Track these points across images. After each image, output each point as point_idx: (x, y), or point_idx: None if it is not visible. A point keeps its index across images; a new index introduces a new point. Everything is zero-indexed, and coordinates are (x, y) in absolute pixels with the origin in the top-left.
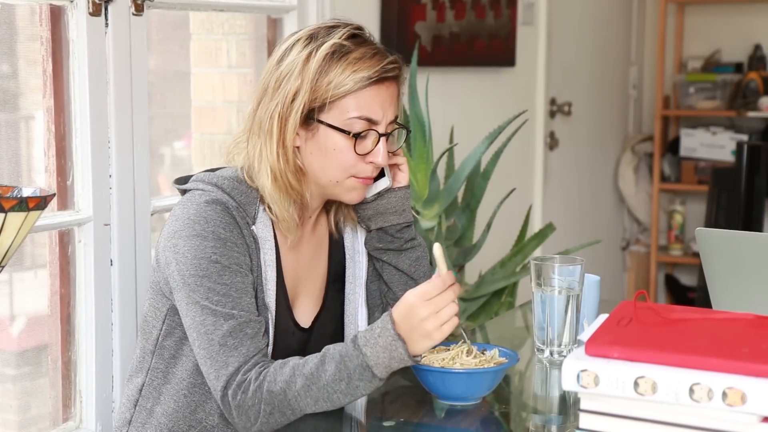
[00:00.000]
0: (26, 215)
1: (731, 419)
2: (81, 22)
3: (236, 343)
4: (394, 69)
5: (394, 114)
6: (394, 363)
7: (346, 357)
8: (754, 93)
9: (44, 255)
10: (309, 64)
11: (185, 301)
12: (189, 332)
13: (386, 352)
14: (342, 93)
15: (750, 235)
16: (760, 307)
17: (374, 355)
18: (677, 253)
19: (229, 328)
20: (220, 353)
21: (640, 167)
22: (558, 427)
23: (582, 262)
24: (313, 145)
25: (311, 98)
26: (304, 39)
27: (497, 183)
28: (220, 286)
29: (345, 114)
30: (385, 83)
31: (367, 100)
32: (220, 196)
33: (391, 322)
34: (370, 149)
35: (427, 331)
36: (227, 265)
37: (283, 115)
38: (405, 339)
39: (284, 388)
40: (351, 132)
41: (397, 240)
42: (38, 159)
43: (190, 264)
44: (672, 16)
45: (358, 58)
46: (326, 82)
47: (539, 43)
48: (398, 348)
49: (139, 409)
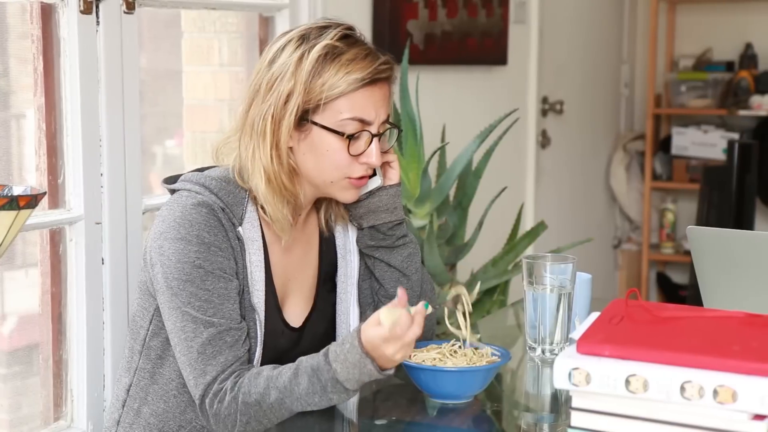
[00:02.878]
0: (17, 214)
1: (722, 417)
2: (72, 20)
3: (215, 351)
4: (386, 70)
5: (386, 114)
6: (364, 377)
7: (318, 371)
8: (745, 91)
9: (35, 254)
10: (302, 66)
11: (168, 305)
12: (170, 336)
13: (356, 369)
14: (335, 95)
15: (741, 233)
16: (751, 305)
17: (344, 371)
18: (669, 252)
19: (208, 336)
20: (199, 361)
21: (631, 165)
22: (550, 426)
23: (574, 261)
24: (306, 146)
25: (305, 100)
26: (295, 40)
27: (489, 181)
28: (202, 291)
29: (338, 115)
30: (377, 84)
31: (360, 101)
32: (207, 198)
33: (359, 341)
34: (363, 150)
35: (395, 360)
36: (210, 271)
37: (276, 117)
38: (374, 358)
39: (258, 400)
40: (344, 133)
41: (388, 237)
42: (29, 157)
43: (174, 267)
44: (663, 14)
45: (351, 59)
46: (320, 84)
47: (531, 42)
48: (367, 365)
49: (126, 410)
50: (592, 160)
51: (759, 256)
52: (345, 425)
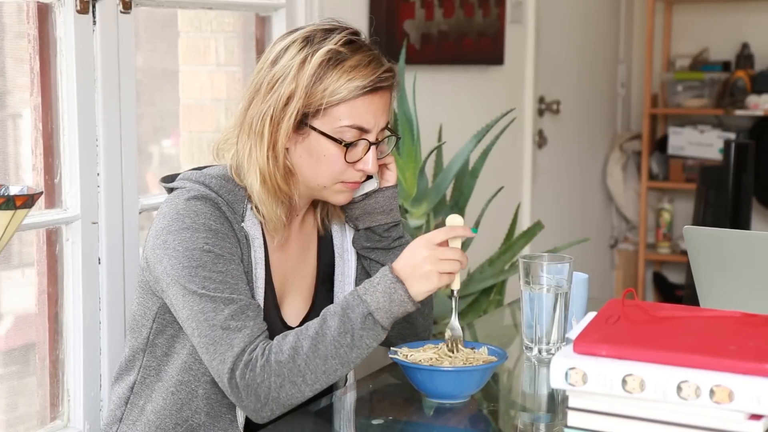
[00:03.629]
0: (13, 213)
1: (719, 417)
2: (69, 20)
3: (239, 325)
4: (388, 78)
5: (385, 122)
6: (395, 307)
7: (347, 308)
8: (741, 91)
9: (32, 253)
10: (304, 69)
11: (181, 294)
12: (187, 324)
13: (386, 296)
14: (336, 101)
15: (737, 233)
16: (747, 304)
17: (374, 301)
18: (665, 251)
19: (230, 312)
20: (224, 337)
21: (628, 165)
22: (546, 425)
23: (570, 260)
24: (303, 149)
25: (305, 104)
26: (299, 41)
27: (485, 181)
28: (215, 273)
29: (337, 122)
30: (379, 92)
31: (360, 109)
32: (208, 193)
33: (390, 268)
34: (359, 157)
35: (426, 271)
36: (220, 254)
37: (275, 119)
38: (404, 281)
39: (292, 354)
40: (342, 141)
41: (384, 239)
42: (26, 157)
43: (182, 256)
44: (660, 14)
45: (354, 66)
46: (321, 89)
47: (528, 42)
48: (398, 290)
49: (130, 407)
50: (589, 159)
51: (755, 256)
52: (342, 424)
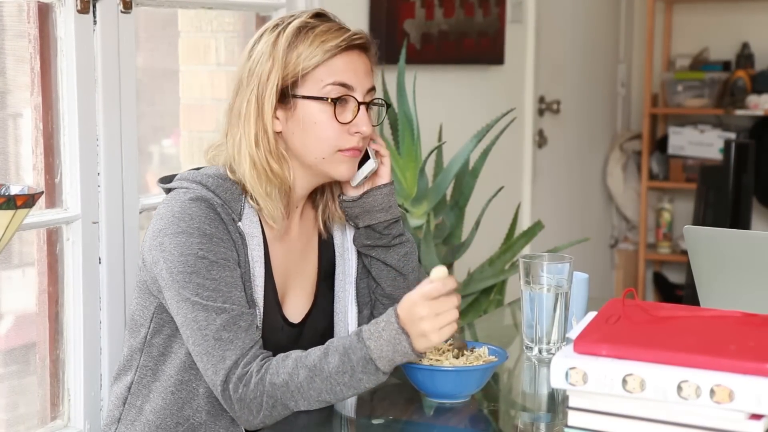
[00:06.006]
0: (14, 213)
1: (719, 416)
2: (69, 20)
3: (231, 336)
4: (360, 38)
5: (370, 83)
6: (397, 357)
7: (349, 349)
8: (741, 91)
9: (32, 253)
10: (278, 45)
11: (175, 299)
12: (182, 330)
13: (390, 346)
14: (313, 64)
15: (738, 233)
16: (747, 304)
17: (378, 348)
18: (665, 251)
19: (222, 322)
20: (216, 348)
21: (628, 165)
22: (546, 425)
23: (570, 260)
24: (294, 123)
25: (283, 75)
26: (270, 29)
27: (486, 181)
28: (209, 281)
29: (319, 83)
30: (354, 51)
31: (340, 66)
32: (205, 194)
33: (396, 316)
34: (351, 119)
35: (424, 330)
36: (215, 260)
37: (259, 97)
38: (409, 334)
39: (287, 380)
40: (328, 98)
41: (385, 236)
42: (26, 157)
43: (177, 261)
44: (660, 14)
45: (325, 30)
46: (296, 56)
47: (528, 41)
48: (402, 342)
49: (128, 407)
50: (589, 159)
51: (755, 255)
52: (343, 424)
